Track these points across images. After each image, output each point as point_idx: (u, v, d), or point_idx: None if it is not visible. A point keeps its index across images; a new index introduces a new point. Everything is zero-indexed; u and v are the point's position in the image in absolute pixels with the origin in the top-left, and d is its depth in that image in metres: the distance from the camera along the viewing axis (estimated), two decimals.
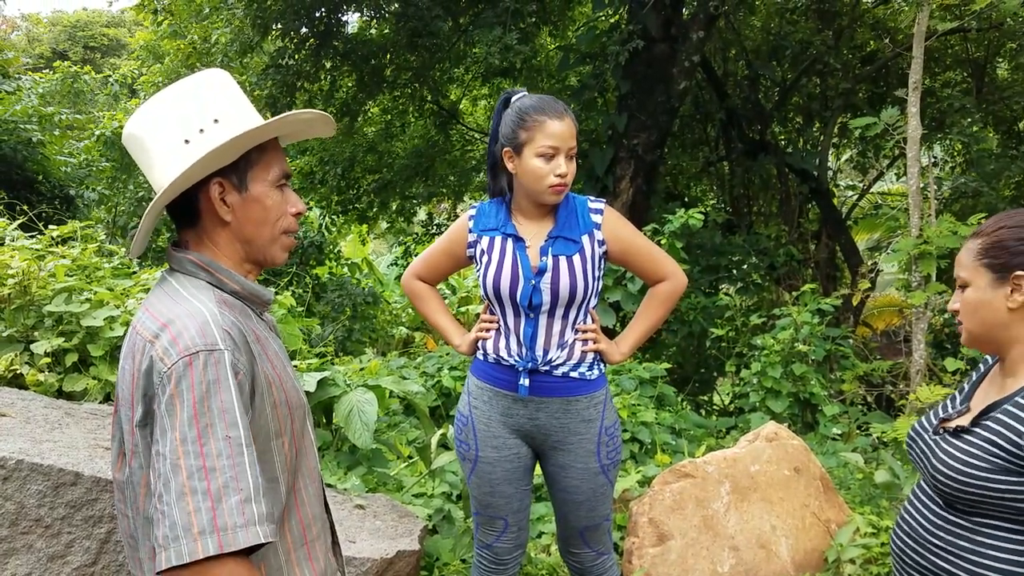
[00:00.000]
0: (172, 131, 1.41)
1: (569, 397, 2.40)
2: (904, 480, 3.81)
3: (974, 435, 1.64)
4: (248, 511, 1.22)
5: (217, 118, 1.42)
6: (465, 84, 10.63)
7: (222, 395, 1.27)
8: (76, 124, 11.37)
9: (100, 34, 25.98)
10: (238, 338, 1.35)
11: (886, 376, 5.64)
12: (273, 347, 1.48)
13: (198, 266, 1.45)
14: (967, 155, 9.02)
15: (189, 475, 1.21)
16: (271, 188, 1.47)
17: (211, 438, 1.23)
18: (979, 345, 1.74)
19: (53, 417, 2.76)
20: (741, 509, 3.44)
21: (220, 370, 1.28)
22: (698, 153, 10.36)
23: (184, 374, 1.26)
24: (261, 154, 1.46)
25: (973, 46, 9.14)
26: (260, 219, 1.47)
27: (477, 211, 2.48)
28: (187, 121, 1.41)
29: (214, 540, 1.19)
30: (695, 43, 7.25)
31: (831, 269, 9.27)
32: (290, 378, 1.48)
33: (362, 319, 9.17)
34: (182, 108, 1.42)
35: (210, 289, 1.43)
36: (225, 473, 1.22)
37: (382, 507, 3.14)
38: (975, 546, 1.61)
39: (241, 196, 1.45)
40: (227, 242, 1.48)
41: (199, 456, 1.22)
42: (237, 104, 1.46)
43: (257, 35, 8.19)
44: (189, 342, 1.29)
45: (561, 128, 2.26)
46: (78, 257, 4.19)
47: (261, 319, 1.53)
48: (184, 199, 1.44)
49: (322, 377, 3.53)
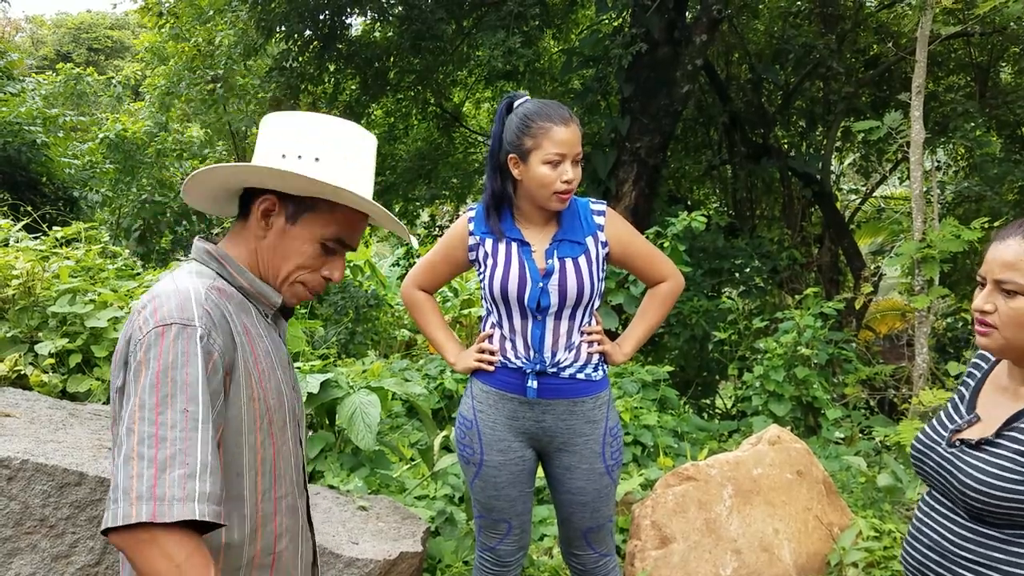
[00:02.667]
0: (283, 142, 1.46)
1: (575, 399, 2.40)
2: (907, 484, 3.81)
3: (1001, 447, 1.59)
4: (189, 486, 1.21)
5: (319, 157, 1.45)
6: (468, 87, 10.64)
7: (188, 368, 1.27)
8: (80, 126, 11.40)
9: (104, 36, 26.03)
10: (219, 320, 1.35)
11: (889, 380, 5.64)
12: (264, 346, 1.47)
13: (211, 256, 1.47)
14: (970, 159, 9.02)
15: (140, 440, 1.22)
16: (314, 241, 1.48)
17: (168, 408, 1.24)
18: (1007, 353, 1.66)
19: (57, 417, 2.77)
20: (743, 512, 3.44)
21: (190, 345, 1.28)
22: (701, 156, 10.35)
23: (154, 343, 1.28)
24: (331, 211, 1.47)
25: (976, 50, 9.14)
26: (284, 255, 1.48)
27: (476, 214, 2.47)
28: (298, 142, 1.45)
29: (148, 507, 1.19)
30: (698, 47, 7.25)
31: (834, 273, 9.26)
32: (275, 379, 1.47)
33: (365, 321, 9.16)
34: (306, 130, 1.46)
35: (211, 277, 1.44)
36: (175, 444, 1.22)
37: (385, 509, 3.15)
38: (1012, 557, 1.56)
39: (284, 225, 1.47)
40: (255, 250, 1.50)
41: (153, 423, 1.23)
42: (353, 164, 1.48)
43: (261, 37, 8.21)
44: (166, 314, 1.31)
45: (567, 135, 2.26)
46: (82, 258, 4.20)
47: (267, 321, 1.52)
48: (247, 196, 1.49)
49: (325, 379, 3.53)
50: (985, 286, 1.64)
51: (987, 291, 1.63)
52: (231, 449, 1.36)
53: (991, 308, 1.62)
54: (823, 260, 9.06)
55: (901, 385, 5.55)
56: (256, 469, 1.41)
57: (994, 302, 1.61)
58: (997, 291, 1.61)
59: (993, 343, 1.63)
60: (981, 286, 1.66)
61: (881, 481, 3.87)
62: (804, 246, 9.03)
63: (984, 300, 1.63)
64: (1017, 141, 9.23)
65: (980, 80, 9.09)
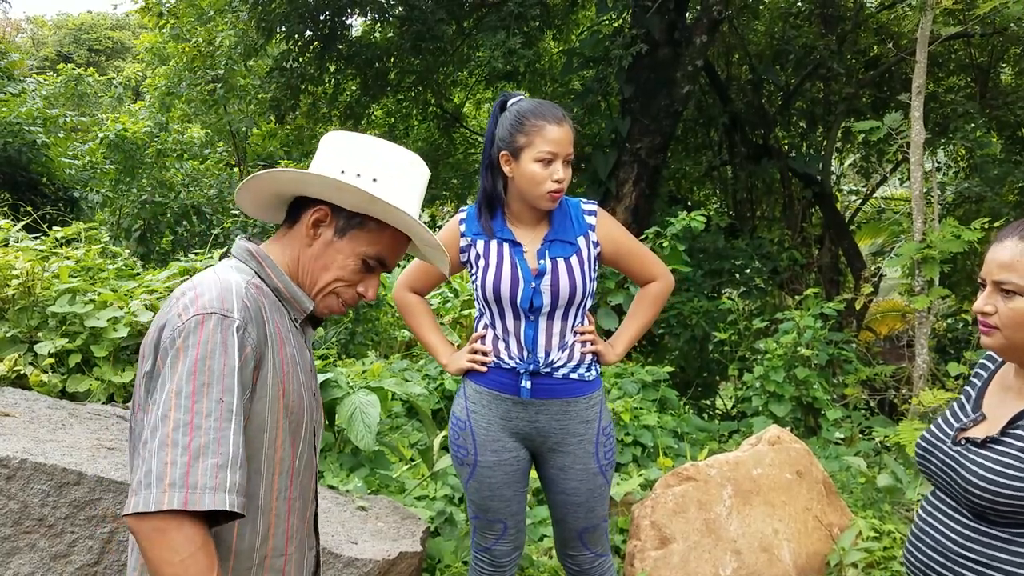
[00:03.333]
0: (343, 159, 1.50)
1: (569, 399, 2.40)
2: (907, 484, 3.81)
3: (1006, 445, 1.59)
4: (221, 476, 1.23)
5: (376, 178, 1.49)
6: (469, 88, 10.65)
7: (225, 359, 1.29)
8: (80, 126, 11.40)
9: (105, 37, 26.05)
10: (256, 316, 1.37)
11: (889, 380, 5.64)
12: (291, 350, 1.48)
13: (251, 254, 1.50)
14: (970, 160, 9.02)
15: (175, 427, 1.23)
16: (356, 257, 1.50)
17: (204, 397, 1.25)
18: (1010, 353, 1.66)
19: (57, 417, 2.77)
20: (743, 513, 3.44)
21: (228, 336, 1.30)
22: (701, 157, 10.36)
23: (194, 331, 1.29)
24: (380, 231, 1.50)
25: (977, 51, 9.15)
26: (325, 265, 1.50)
27: (467, 215, 2.47)
28: (360, 161, 1.49)
29: (180, 495, 1.20)
30: (698, 47, 7.25)
31: (834, 273, 9.26)
32: (297, 383, 1.47)
33: (365, 322, 9.16)
34: (369, 152, 1.51)
35: (250, 274, 1.47)
36: (209, 434, 1.24)
37: (384, 509, 3.15)
38: (1015, 556, 1.56)
39: (332, 238, 1.49)
40: (298, 256, 1.52)
41: (188, 411, 1.24)
42: (406, 187, 1.52)
43: (261, 38, 8.22)
44: (207, 303, 1.32)
45: (559, 134, 2.27)
46: (82, 258, 4.20)
47: (296, 327, 1.53)
48: (298, 203, 1.51)
49: (325, 379, 3.53)
50: (986, 288, 1.65)
51: (987, 292, 1.64)
52: (252, 444, 1.37)
53: (991, 309, 1.63)
54: (823, 261, 9.06)
55: (901, 386, 5.55)
56: (274, 468, 1.42)
57: (994, 303, 1.62)
58: (997, 292, 1.62)
59: (996, 343, 1.64)
60: (982, 287, 1.66)
61: (881, 481, 3.87)
62: (804, 247, 9.03)
63: (984, 302, 1.64)
64: (1017, 142, 9.24)
65: (980, 81, 9.09)
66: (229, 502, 1.23)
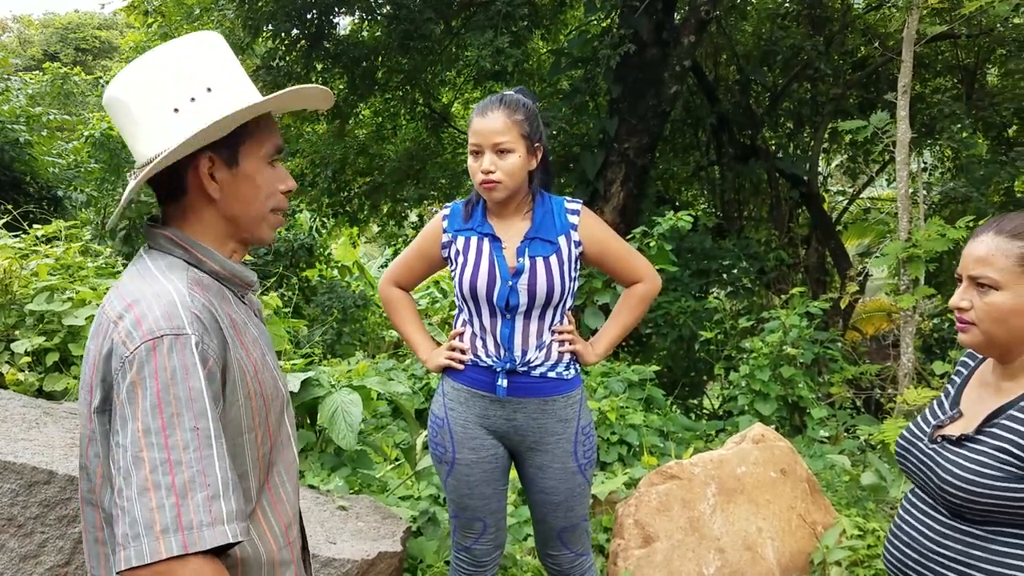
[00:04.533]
0: (161, 97, 1.31)
1: (546, 397, 2.38)
2: (891, 483, 3.80)
3: (980, 443, 1.59)
4: (216, 508, 1.15)
5: (210, 86, 1.33)
6: (457, 87, 10.62)
7: (189, 382, 1.18)
8: (66, 125, 11.33)
9: (92, 36, 25.91)
10: (209, 322, 1.26)
11: (874, 380, 5.64)
12: (252, 333, 1.40)
13: (174, 243, 1.36)
14: (957, 161, 9.05)
15: (152, 468, 1.13)
16: (263, 164, 1.39)
17: (177, 428, 1.15)
18: (987, 349, 1.65)
19: (31, 416, 2.73)
20: (727, 511, 3.43)
21: (186, 355, 1.19)
22: (689, 157, 10.36)
23: (147, 359, 1.17)
24: (255, 128, 1.38)
25: (963, 52, 9.18)
26: (249, 197, 1.39)
27: (451, 211, 2.45)
28: (177, 87, 1.31)
29: (178, 539, 1.12)
30: (686, 47, 7.25)
31: (820, 274, 9.28)
32: (268, 367, 1.40)
33: (352, 322, 9.13)
34: (172, 72, 1.32)
35: (184, 268, 1.34)
36: (192, 467, 1.14)
37: (365, 508, 3.12)
38: (991, 555, 1.55)
39: (231, 172, 1.36)
40: (212, 219, 1.39)
41: (163, 448, 1.14)
42: (231, 71, 1.37)
43: (248, 36, 8.16)
44: (153, 325, 1.20)
45: (482, 124, 2.26)
46: (62, 256, 4.16)
47: (242, 302, 1.45)
48: (169, 172, 1.34)
49: (306, 377, 3.50)
50: (962, 283, 1.65)
51: (963, 288, 1.64)
52: (233, 450, 1.29)
53: (967, 305, 1.63)
54: (810, 261, 9.07)
55: (887, 385, 5.55)
56: (259, 467, 1.35)
57: (970, 298, 1.62)
58: (972, 287, 1.62)
59: (972, 339, 1.64)
60: (959, 283, 1.66)
61: (865, 480, 3.86)
62: (791, 247, 9.04)
63: (960, 297, 1.64)
64: (1003, 143, 9.27)
65: (967, 82, 9.12)
66: (231, 533, 1.16)
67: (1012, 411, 1.57)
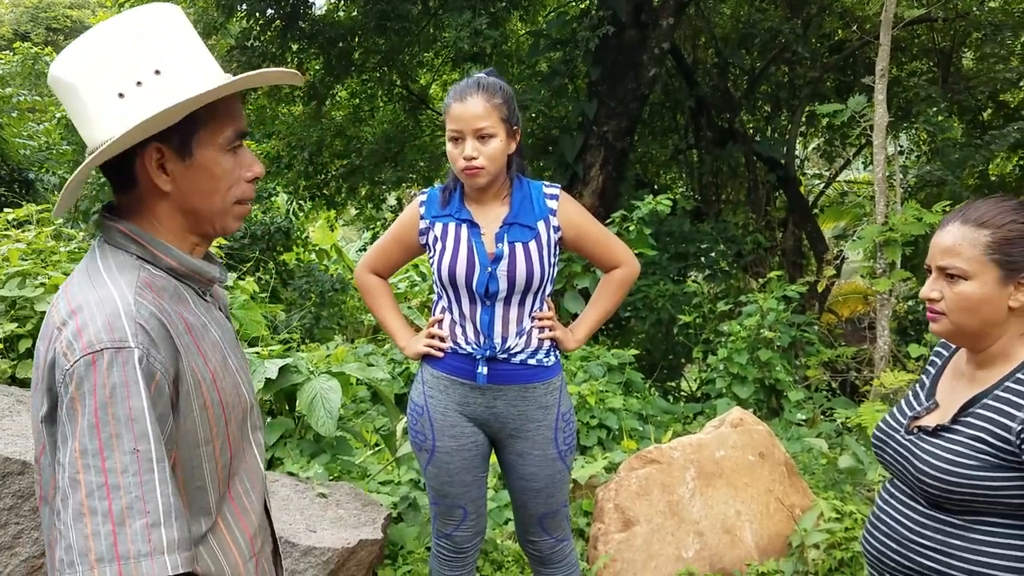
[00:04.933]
0: (105, 80, 1.18)
1: (527, 384, 2.37)
2: (868, 465, 3.84)
3: (957, 433, 1.59)
4: (155, 537, 1.07)
5: (159, 68, 1.19)
6: (435, 69, 10.53)
7: (130, 400, 1.09)
8: (37, 107, 11.12)
9: (63, 16, 25.44)
10: (156, 332, 1.16)
11: (850, 362, 5.69)
12: (212, 336, 1.29)
13: (128, 237, 1.25)
14: (932, 144, 9.11)
15: (88, 493, 1.06)
16: (221, 153, 1.26)
17: (115, 451, 1.07)
18: (958, 339, 1.66)
19: (3, 404, 2.69)
20: (706, 495, 3.45)
21: (128, 371, 1.10)
22: (667, 141, 10.36)
23: (86, 375, 1.09)
24: (211, 113, 1.23)
25: (939, 35, 9.22)
26: (208, 189, 1.26)
27: (428, 197, 2.43)
28: (123, 69, 1.18)
29: (113, 569, 1.04)
30: (665, 30, 7.23)
31: (797, 257, 9.33)
32: (230, 372, 1.30)
33: (330, 306, 9.07)
34: (118, 52, 1.18)
35: (135, 268, 1.23)
36: (130, 492, 1.06)
37: (345, 495, 3.10)
38: (970, 544, 1.56)
39: (184, 163, 1.23)
40: (167, 213, 1.27)
41: (100, 471, 1.06)
42: (184, 49, 1.23)
43: (222, 16, 8.04)
44: (93, 337, 1.11)
45: (462, 110, 2.22)
46: (33, 241, 4.09)
47: (204, 299, 1.34)
48: (118, 161, 1.22)
49: (284, 364, 3.47)
50: (932, 274, 1.66)
51: (933, 278, 1.65)
52: (190, 463, 1.22)
53: (937, 295, 1.63)
54: (787, 244, 9.12)
55: (862, 367, 5.60)
56: (219, 477, 1.28)
57: (940, 289, 1.63)
58: (942, 277, 1.63)
59: (943, 329, 1.65)
60: (928, 274, 1.67)
61: (842, 463, 3.90)
62: (768, 230, 9.08)
63: (930, 288, 1.65)
64: (978, 126, 9.34)
65: (943, 65, 9.17)
66: (171, 564, 1.08)
67: (986, 400, 1.58)
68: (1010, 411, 1.52)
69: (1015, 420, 1.50)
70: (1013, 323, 1.60)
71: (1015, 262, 1.56)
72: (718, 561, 3.32)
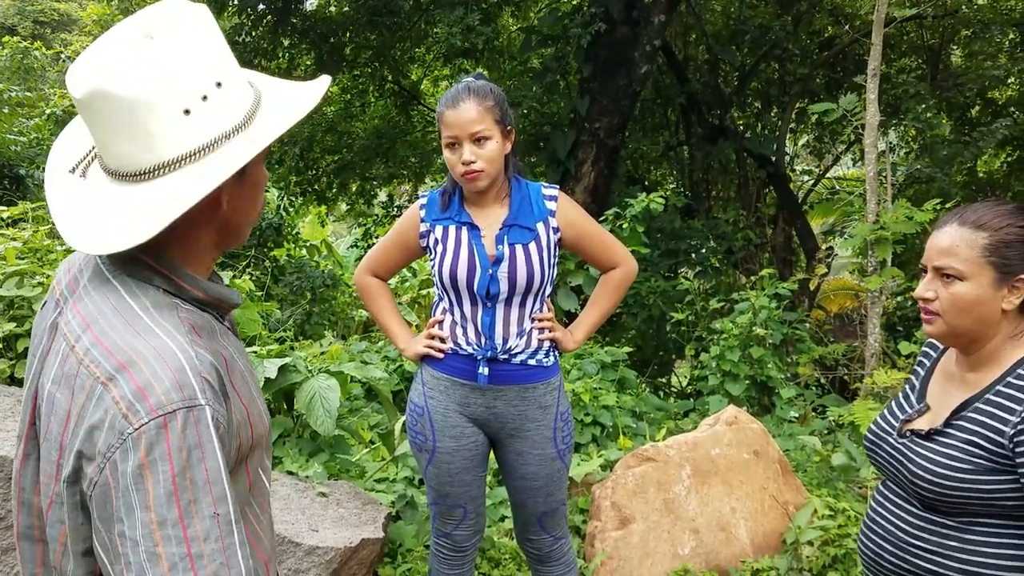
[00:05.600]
0: (171, 94, 1.06)
1: (527, 384, 2.40)
2: (861, 463, 3.88)
3: (950, 436, 1.61)
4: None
5: (220, 80, 1.10)
6: (426, 64, 10.53)
7: (206, 463, 1.02)
8: (26, 102, 11.05)
9: (50, 8, 25.23)
10: (217, 384, 1.09)
11: (841, 359, 5.74)
12: (239, 367, 1.21)
13: (152, 270, 1.13)
14: (921, 141, 9.18)
15: (172, 566, 0.99)
16: (262, 166, 1.21)
17: (195, 517, 1.00)
18: (951, 340, 1.68)
19: (5, 405, 2.69)
20: (702, 492, 3.49)
21: (202, 431, 1.02)
22: (658, 137, 10.40)
23: (157, 439, 1.00)
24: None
25: (928, 33, 9.29)
26: (251, 204, 1.21)
27: (428, 200, 2.45)
28: (189, 82, 1.07)
29: None
30: (656, 27, 7.26)
31: (787, 253, 9.40)
32: (255, 403, 1.23)
33: (321, 302, 9.07)
34: (182, 61, 1.07)
35: (173, 308, 1.12)
36: (215, 560, 1.01)
37: (345, 494, 3.13)
38: (965, 545, 1.57)
39: (240, 180, 1.15)
40: (204, 233, 1.18)
41: (182, 541, 1.00)
42: (229, 55, 1.14)
43: (213, 11, 8.01)
44: (164, 398, 1.01)
45: (455, 116, 2.24)
46: (29, 239, 4.08)
47: (224, 325, 1.25)
48: None
49: (283, 363, 3.49)
50: (927, 274, 1.67)
51: (928, 279, 1.67)
52: None
53: (932, 295, 1.65)
54: (777, 241, 9.19)
55: (853, 364, 5.65)
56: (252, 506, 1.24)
57: (935, 289, 1.65)
58: (937, 278, 1.65)
59: (937, 330, 1.66)
60: (923, 274, 1.69)
61: (835, 460, 3.94)
62: (759, 227, 9.14)
63: (925, 288, 1.66)
64: (966, 123, 9.41)
65: (931, 63, 9.24)
66: None
67: (979, 404, 1.59)
68: (1003, 415, 1.54)
69: (1008, 424, 1.52)
70: (1005, 326, 1.62)
71: (1011, 265, 1.58)
72: (714, 558, 3.37)
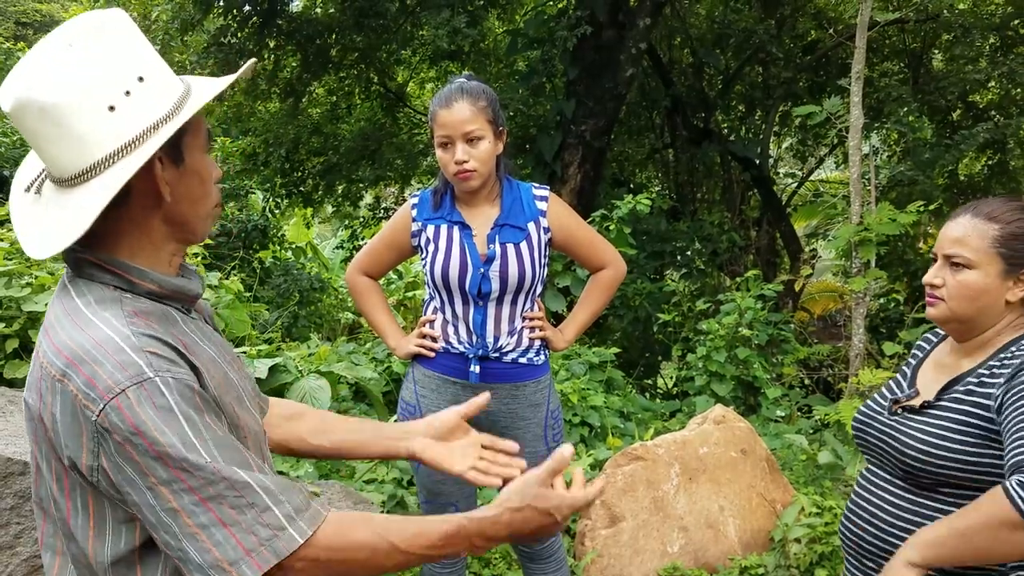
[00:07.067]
0: (92, 94, 1.09)
1: (518, 383, 2.43)
2: (847, 461, 3.92)
3: (943, 409, 1.66)
4: (271, 519, 1.10)
5: (141, 75, 1.13)
6: (412, 67, 10.53)
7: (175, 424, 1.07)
8: None
9: (32, 10, 25.03)
10: (166, 353, 1.12)
11: (824, 360, 5.79)
12: (208, 353, 1.23)
13: (99, 267, 1.17)
14: (903, 144, 9.27)
15: (190, 513, 1.07)
16: (204, 155, 1.23)
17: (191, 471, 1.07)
18: (951, 324, 1.73)
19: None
20: (690, 490, 3.52)
21: (158, 400, 1.07)
22: (644, 140, 10.45)
23: (121, 420, 1.05)
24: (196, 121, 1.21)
25: (910, 37, 9.38)
26: (198, 195, 1.22)
27: (419, 200, 2.47)
28: (108, 80, 1.11)
29: (248, 563, 1.07)
30: (642, 30, 7.30)
31: (771, 255, 9.46)
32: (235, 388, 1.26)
33: (308, 304, 9.05)
34: (99, 62, 1.11)
35: (116, 300, 1.16)
36: (227, 496, 1.08)
37: (336, 494, 3.13)
38: None
39: (179, 170, 1.18)
40: (152, 227, 1.20)
41: (189, 491, 1.07)
42: (150, 53, 1.18)
43: (199, 12, 7.99)
44: (110, 381, 1.06)
45: (449, 115, 2.27)
46: (16, 240, 4.06)
47: (190, 316, 1.27)
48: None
49: (274, 363, 3.49)
50: (937, 261, 1.74)
51: (937, 265, 1.73)
52: None
53: (940, 282, 1.72)
54: (761, 243, 9.25)
55: (836, 365, 5.70)
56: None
57: (943, 276, 1.71)
58: (947, 265, 1.71)
59: (939, 313, 1.72)
60: (934, 261, 1.75)
61: (822, 459, 3.98)
62: (743, 229, 9.20)
63: (934, 274, 1.73)
64: (948, 126, 9.51)
65: (914, 66, 9.33)
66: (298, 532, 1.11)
67: (969, 378, 1.65)
68: (992, 382, 1.60)
69: (997, 388, 1.57)
70: (1006, 317, 1.68)
71: (1019, 257, 1.65)
72: (702, 555, 3.39)
